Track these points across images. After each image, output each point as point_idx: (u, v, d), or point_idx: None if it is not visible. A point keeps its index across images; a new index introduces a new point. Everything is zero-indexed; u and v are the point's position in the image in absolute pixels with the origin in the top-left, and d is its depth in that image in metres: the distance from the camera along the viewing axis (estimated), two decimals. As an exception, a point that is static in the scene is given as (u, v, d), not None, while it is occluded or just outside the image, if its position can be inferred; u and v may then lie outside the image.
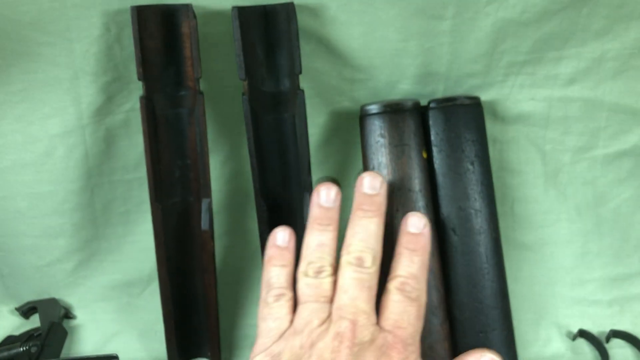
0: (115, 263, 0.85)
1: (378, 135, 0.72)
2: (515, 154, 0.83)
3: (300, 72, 0.72)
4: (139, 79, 0.70)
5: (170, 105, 0.73)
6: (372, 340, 0.58)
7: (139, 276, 0.85)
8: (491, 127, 0.82)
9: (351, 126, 0.80)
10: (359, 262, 0.61)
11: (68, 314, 0.85)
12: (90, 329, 0.85)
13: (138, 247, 0.84)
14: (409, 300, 0.60)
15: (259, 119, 0.74)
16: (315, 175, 0.81)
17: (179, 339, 0.80)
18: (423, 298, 0.62)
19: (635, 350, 0.81)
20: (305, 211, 0.75)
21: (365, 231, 0.64)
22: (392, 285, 0.62)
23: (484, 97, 0.79)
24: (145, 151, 0.73)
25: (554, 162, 0.83)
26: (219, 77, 0.76)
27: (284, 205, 0.77)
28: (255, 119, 0.73)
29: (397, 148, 0.73)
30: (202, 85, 0.74)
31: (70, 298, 0.86)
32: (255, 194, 0.74)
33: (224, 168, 0.82)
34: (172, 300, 0.78)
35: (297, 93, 0.73)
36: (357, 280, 0.60)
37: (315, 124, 0.81)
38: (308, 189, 0.75)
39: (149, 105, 0.72)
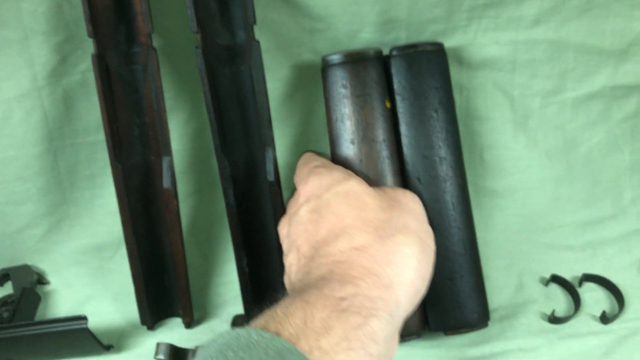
0: (85, 227, 0.83)
1: (340, 86, 0.69)
2: (482, 101, 0.80)
3: (255, 23, 0.69)
4: (89, 37, 0.67)
5: (124, 63, 0.70)
6: None
7: (109, 239, 0.83)
8: (457, 74, 0.78)
9: (313, 79, 0.77)
10: None
11: (41, 280, 0.84)
12: (64, 294, 0.83)
13: (106, 210, 0.82)
14: None
15: (215, 72, 0.71)
16: (278, 130, 0.78)
17: (150, 299, 0.78)
18: None
19: (607, 292, 0.79)
20: (267, 165, 0.73)
21: None
22: None
23: (448, 43, 0.76)
24: (101, 110, 0.70)
25: (522, 107, 0.81)
26: (173, 32, 0.73)
27: (246, 160, 0.74)
28: (211, 72, 0.70)
29: (360, 98, 0.70)
30: (157, 42, 0.71)
31: (43, 264, 0.84)
32: (215, 149, 0.71)
33: (186, 127, 0.80)
34: (140, 261, 0.76)
35: (253, 44, 0.70)
36: None
37: (277, 78, 0.78)
38: (270, 143, 0.72)
39: (101, 63, 0.69)
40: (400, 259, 0.50)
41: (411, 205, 0.56)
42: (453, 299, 0.70)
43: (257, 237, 0.75)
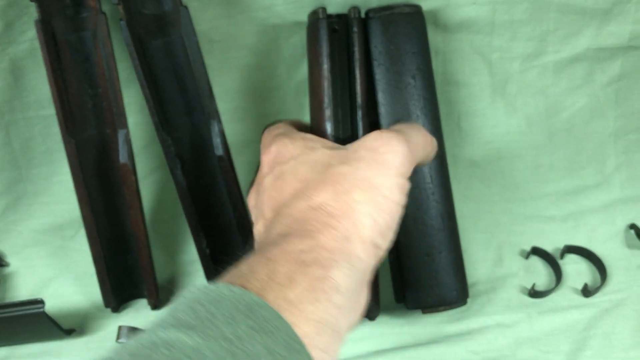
0: (44, 205, 0.78)
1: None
2: (460, 65, 0.74)
3: None
4: (32, 0, 0.61)
5: (72, 29, 0.64)
6: None
7: (70, 218, 0.78)
8: (433, 37, 0.72)
9: (279, 44, 0.72)
10: None
11: (1, 262, 0.79)
12: (25, 275, 0.78)
13: (66, 188, 0.76)
14: None
15: (145, 44, 0.65)
16: (241, 101, 0.73)
17: (113, 281, 0.73)
18: None
19: (590, 264, 0.75)
20: (214, 139, 0.68)
21: None
22: None
23: (424, 4, 0.70)
24: (49, 80, 0.64)
25: (501, 71, 0.75)
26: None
27: (191, 136, 0.68)
28: (140, 45, 0.64)
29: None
30: (107, 7, 0.65)
31: (1, 245, 0.79)
32: (155, 128, 0.65)
33: (143, 100, 0.74)
34: (100, 241, 0.71)
35: (180, 11, 0.64)
36: None
37: (242, 46, 0.72)
38: (214, 115, 0.67)
39: (46, 30, 0.63)
40: (356, 215, 0.48)
41: (386, 157, 0.51)
42: (431, 276, 0.66)
43: (215, 215, 0.71)
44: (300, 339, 0.39)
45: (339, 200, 0.49)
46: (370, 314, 0.67)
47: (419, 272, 0.66)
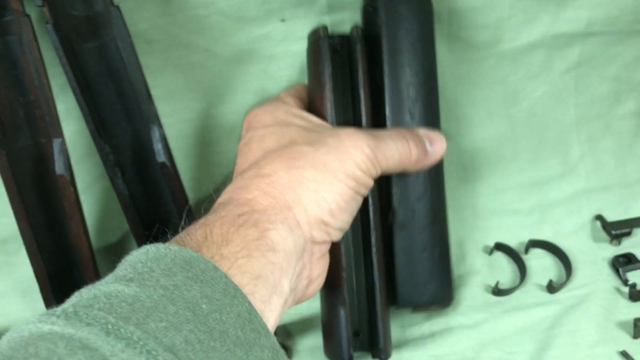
0: (-16, 221, 0.74)
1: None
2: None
3: None
4: (-52, 4, 0.57)
5: (-4, 33, 0.60)
6: None
7: (12, 232, 0.72)
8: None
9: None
10: None
11: (-58, 280, 0.75)
12: (-33, 293, 0.74)
13: (5, 201, 0.71)
14: None
15: (76, 48, 0.61)
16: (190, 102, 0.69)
17: (58, 295, 0.69)
18: None
19: (555, 259, 0.72)
20: (155, 145, 0.64)
21: None
22: None
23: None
24: (-25, 89, 0.60)
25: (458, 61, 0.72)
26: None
27: (132, 143, 0.64)
28: (71, 49, 0.60)
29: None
30: (33, 10, 0.60)
31: (-59, 263, 0.75)
32: (92, 136, 0.62)
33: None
34: (42, 256, 0.66)
35: (112, 11, 0.60)
36: None
37: (185, 44, 0.68)
38: (153, 119, 0.63)
39: (-33, 35, 0.58)
40: (304, 191, 0.50)
41: (349, 149, 0.53)
42: (427, 273, 0.63)
43: (161, 224, 0.66)
44: (237, 286, 0.41)
45: (290, 173, 0.51)
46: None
47: (414, 268, 0.62)
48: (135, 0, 0.65)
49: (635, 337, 0.63)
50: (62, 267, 0.69)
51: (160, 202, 0.66)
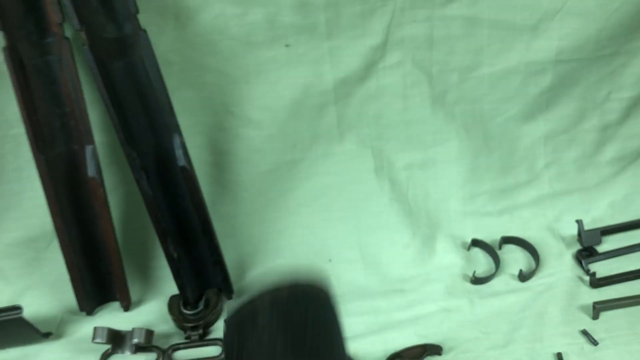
0: (16, 220, 0.80)
1: None
2: (400, 79, 0.79)
3: (138, 12, 0.67)
4: (-1, 29, 0.64)
5: (38, 54, 0.67)
6: None
7: (41, 231, 0.80)
8: (373, 54, 0.77)
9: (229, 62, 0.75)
10: None
11: (-24, 274, 0.81)
12: (0, 286, 0.80)
13: (36, 203, 0.78)
14: None
15: (108, 66, 0.68)
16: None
17: (87, 286, 0.76)
18: None
19: (525, 252, 0.81)
20: (176, 151, 0.71)
21: None
22: None
23: (368, 23, 0.74)
24: (19, 102, 0.67)
25: (441, 83, 0.80)
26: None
27: (155, 150, 0.72)
28: (103, 67, 0.68)
29: None
30: (70, 32, 0.68)
31: (-24, 259, 0.82)
32: (121, 143, 0.69)
33: (108, 118, 0.77)
34: (73, 250, 0.74)
35: (139, 34, 0.68)
36: None
37: (200, 66, 0.76)
38: (175, 129, 0.71)
39: (14, 55, 0.66)
40: None
41: None
42: None
43: (180, 222, 0.74)
44: None
45: None
46: None
47: None
48: (157, 25, 0.72)
49: (594, 318, 0.71)
50: (90, 260, 0.76)
51: (179, 201, 0.73)
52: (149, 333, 0.71)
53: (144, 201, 0.71)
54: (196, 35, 0.74)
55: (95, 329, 0.71)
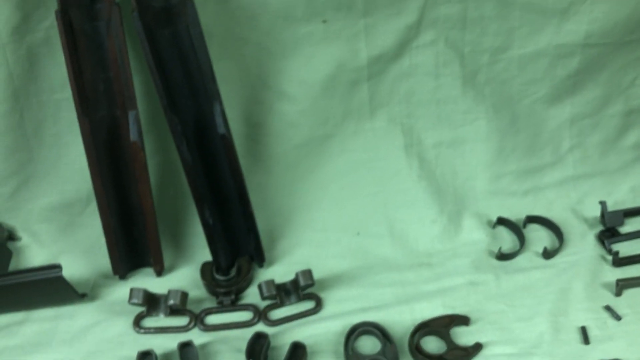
0: (53, 185, 0.82)
1: None
2: (433, 58, 0.81)
3: None
4: (52, -8, 0.66)
5: (87, 18, 0.69)
6: None
7: (77, 196, 0.82)
8: (407, 33, 0.79)
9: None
10: None
11: (12, 236, 0.82)
12: (35, 249, 0.82)
13: (73, 168, 0.81)
14: None
15: (155, 34, 0.70)
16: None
17: (121, 250, 0.78)
18: None
19: (549, 232, 0.82)
20: (217, 119, 0.73)
21: None
22: None
23: (403, 2, 0.76)
24: (67, 65, 0.69)
25: (472, 63, 0.82)
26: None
27: (195, 117, 0.74)
28: (150, 34, 0.69)
29: None
30: (120, 0, 0.70)
31: (13, 221, 0.83)
32: (164, 109, 0.71)
33: (150, 85, 0.78)
34: (110, 213, 0.75)
35: (187, 3, 0.69)
36: None
37: (240, 38, 0.77)
38: (216, 97, 0.72)
39: (65, 19, 0.67)
40: None
41: None
42: None
43: (216, 189, 0.76)
44: None
45: None
46: None
47: None
48: (200, -2, 0.74)
49: (617, 295, 0.73)
50: (126, 225, 0.77)
51: (217, 168, 0.75)
52: (184, 295, 0.73)
53: (183, 167, 0.72)
54: (238, 8, 0.76)
55: (131, 290, 0.73)
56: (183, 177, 0.81)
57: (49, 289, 0.72)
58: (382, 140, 0.84)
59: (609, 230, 0.81)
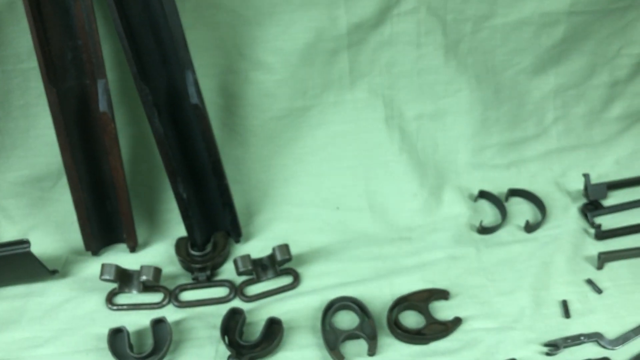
0: (22, 159, 0.79)
1: None
2: (415, 26, 0.79)
3: None
4: (12, -47, 0.62)
5: (52, -18, 0.66)
6: None
7: (47, 170, 0.79)
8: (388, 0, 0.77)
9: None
10: None
11: (-20, 213, 0.80)
12: (5, 225, 0.79)
13: (43, 141, 0.78)
14: None
15: None
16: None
17: (94, 226, 0.75)
18: None
19: (532, 205, 0.81)
20: (189, 89, 0.70)
21: None
22: None
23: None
24: (32, 32, 0.65)
25: (454, 32, 0.79)
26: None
27: (167, 86, 0.71)
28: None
29: None
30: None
31: (-20, 197, 0.80)
32: (134, 77, 0.68)
33: (120, 54, 0.75)
34: (81, 187, 0.72)
35: None
36: None
37: (214, 4, 0.74)
38: (188, 65, 0.70)
39: (27, -18, 0.64)
40: None
41: None
42: None
43: (190, 162, 0.73)
44: None
45: None
46: None
47: None
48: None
49: (599, 268, 0.72)
50: (98, 199, 0.75)
51: (190, 140, 0.72)
52: (157, 271, 0.71)
53: (155, 139, 0.70)
54: (211, -27, 0.73)
55: (103, 265, 0.70)
56: (157, 151, 0.79)
57: (18, 265, 0.69)
58: (362, 112, 0.82)
59: (592, 203, 0.80)
